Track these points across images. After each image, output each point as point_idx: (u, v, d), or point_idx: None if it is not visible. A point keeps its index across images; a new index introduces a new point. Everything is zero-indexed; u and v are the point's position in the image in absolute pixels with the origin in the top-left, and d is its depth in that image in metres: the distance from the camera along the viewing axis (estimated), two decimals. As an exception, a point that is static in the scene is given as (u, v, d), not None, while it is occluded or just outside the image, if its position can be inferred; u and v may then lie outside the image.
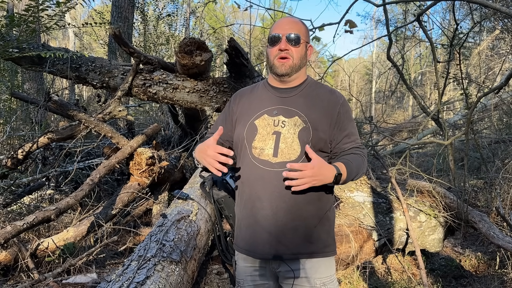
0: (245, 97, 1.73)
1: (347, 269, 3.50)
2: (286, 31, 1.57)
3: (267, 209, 1.55)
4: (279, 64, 1.58)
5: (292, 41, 1.57)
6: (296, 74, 1.62)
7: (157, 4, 10.89)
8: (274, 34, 1.59)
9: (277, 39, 1.57)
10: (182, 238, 2.13)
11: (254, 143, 1.59)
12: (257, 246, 1.59)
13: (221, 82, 3.72)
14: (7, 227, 2.48)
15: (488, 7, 3.70)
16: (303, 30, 1.62)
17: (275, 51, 1.58)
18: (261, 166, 1.56)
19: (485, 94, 3.89)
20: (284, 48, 1.56)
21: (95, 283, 2.34)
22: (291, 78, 1.62)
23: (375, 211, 3.48)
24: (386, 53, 4.66)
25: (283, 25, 1.60)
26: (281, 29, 1.58)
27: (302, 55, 1.60)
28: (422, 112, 7.02)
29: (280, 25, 1.60)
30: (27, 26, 3.26)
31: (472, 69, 10.02)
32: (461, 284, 3.75)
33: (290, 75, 1.60)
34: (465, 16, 7.66)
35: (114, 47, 7.46)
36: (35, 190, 4.20)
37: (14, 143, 4.92)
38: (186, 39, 3.49)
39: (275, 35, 1.58)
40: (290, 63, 1.58)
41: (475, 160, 6.44)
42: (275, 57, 1.58)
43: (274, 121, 1.59)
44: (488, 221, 3.40)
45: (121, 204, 3.42)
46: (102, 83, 3.91)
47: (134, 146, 3.46)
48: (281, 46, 1.56)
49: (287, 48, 1.56)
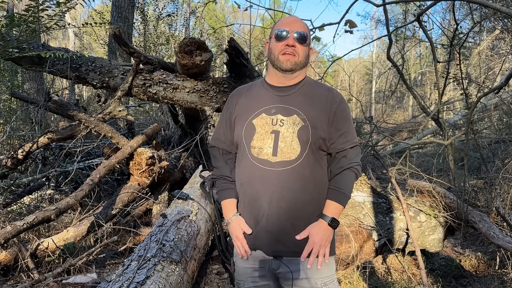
0: (242, 97, 1.72)
1: (347, 269, 3.50)
2: (295, 28, 1.58)
3: (267, 209, 1.54)
4: (284, 59, 1.58)
5: (300, 39, 1.57)
6: (298, 72, 1.62)
7: (157, 4, 10.89)
8: (282, 29, 1.58)
9: (285, 35, 1.58)
10: (182, 238, 2.13)
11: (253, 143, 1.58)
12: (257, 246, 1.59)
13: (221, 82, 3.72)
14: (7, 227, 2.47)
15: (488, 7, 3.70)
16: (308, 31, 1.64)
17: (281, 46, 1.58)
18: (261, 165, 1.55)
19: (485, 94, 3.89)
20: (292, 44, 1.57)
21: (95, 283, 2.34)
22: (293, 75, 1.62)
23: (375, 211, 3.48)
24: (386, 53, 4.65)
25: (292, 22, 1.61)
26: (290, 26, 1.59)
27: (306, 54, 1.62)
28: (422, 112, 7.01)
29: (289, 22, 1.61)
30: (27, 26, 3.25)
31: (472, 69, 10.02)
32: (461, 284, 3.75)
33: (294, 71, 1.60)
34: (465, 16, 7.67)
35: (114, 47, 7.46)
36: (35, 190, 4.20)
37: (14, 143, 4.92)
38: (186, 39, 3.49)
39: (284, 31, 1.58)
40: (296, 59, 1.58)
41: (475, 160, 6.43)
42: (280, 52, 1.58)
43: (273, 119, 1.58)
44: (488, 221, 3.39)
45: (121, 204, 3.42)
46: (102, 83, 3.91)
47: (134, 146, 3.46)
48: (289, 41, 1.57)
49: (295, 44, 1.57)
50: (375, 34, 21.33)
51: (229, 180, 1.73)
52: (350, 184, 1.62)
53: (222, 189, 1.73)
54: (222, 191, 1.73)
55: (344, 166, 1.61)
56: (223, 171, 1.75)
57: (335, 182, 1.61)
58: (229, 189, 1.71)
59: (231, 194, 1.70)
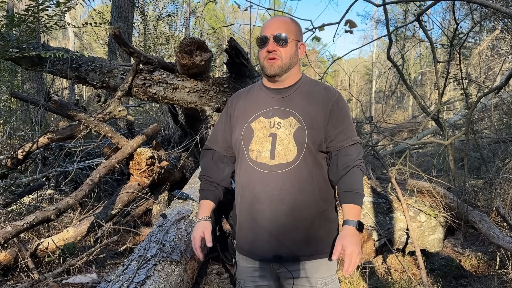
0: (241, 100, 1.71)
1: (347, 269, 3.49)
2: (273, 31, 1.55)
3: (267, 212, 1.54)
4: (268, 65, 1.56)
5: (279, 41, 1.54)
6: (287, 74, 1.59)
7: (157, 4, 10.89)
8: (261, 35, 1.57)
9: (265, 41, 1.56)
10: (182, 238, 2.13)
11: (251, 146, 1.57)
12: (258, 248, 1.58)
13: (221, 82, 3.72)
14: (7, 227, 2.48)
15: (488, 7, 3.70)
16: (292, 28, 1.59)
17: (264, 52, 1.56)
18: (259, 169, 1.55)
19: (485, 94, 3.89)
20: (271, 49, 1.54)
21: (95, 283, 2.34)
22: (282, 78, 1.60)
23: (375, 211, 3.48)
24: (386, 53, 4.65)
25: (271, 25, 1.58)
26: (268, 30, 1.57)
27: (291, 55, 1.57)
28: (422, 112, 7.01)
29: (268, 26, 1.59)
30: (27, 26, 3.25)
31: (472, 69, 10.02)
32: (461, 284, 3.75)
33: (280, 75, 1.58)
34: (465, 16, 7.66)
35: (114, 47, 7.46)
36: (35, 190, 4.20)
37: (14, 143, 4.92)
38: (186, 39, 3.49)
39: (263, 37, 1.56)
40: (279, 63, 1.55)
41: (475, 160, 6.43)
42: (264, 59, 1.57)
43: (270, 123, 1.58)
44: (488, 221, 3.39)
45: (121, 204, 3.42)
46: (102, 83, 3.91)
47: (134, 146, 3.46)
48: (269, 47, 1.54)
49: (275, 49, 1.54)
50: (375, 34, 21.33)
51: (209, 181, 1.72)
52: (360, 182, 1.59)
53: (201, 189, 1.73)
54: (201, 191, 1.73)
55: (350, 165, 1.56)
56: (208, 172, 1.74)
57: (346, 184, 1.57)
58: (208, 190, 1.71)
59: (209, 195, 1.70)
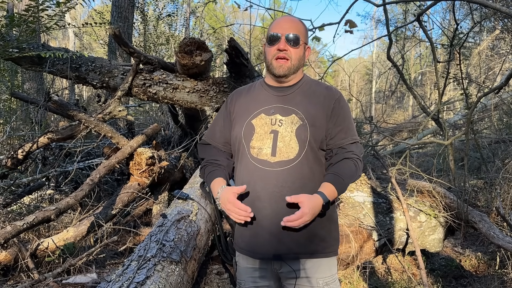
0: (242, 97, 1.72)
1: (347, 269, 3.50)
2: (286, 30, 1.54)
3: (267, 209, 1.54)
4: (277, 65, 1.56)
5: (291, 41, 1.54)
6: (292, 75, 1.61)
7: (157, 4, 10.89)
8: (273, 33, 1.56)
9: (276, 39, 1.55)
10: (182, 238, 2.13)
11: (252, 143, 1.58)
12: (258, 246, 1.58)
13: (221, 82, 3.72)
14: (7, 227, 2.47)
15: (488, 7, 3.70)
16: (303, 30, 1.59)
17: (273, 50, 1.56)
18: (260, 166, 1.55)
19: (485, 94, 3.89)
20: (283, 48, 1.54)
21: (95, 283, 2.33)
22: (288, 78, 1.61)
23: (375, 211, 3.48)
24: (386, 53, 4.66)
25: (283, 24, 1.57)
26: (281, 29, 1.56)
27: (300, 56, 1.58)
28: (422, 112, 7.01)
29: (280, 24, 1.58)
30: (27, 26, 3.25)
31: (472, 69, 10.01)
32: (461, 284, 3.75)
33: (288, 76, 1.59)
34: (465, 16, 7.66)
35: (114, 47, 7.45)
36: (35, 190, 4.20)
37: (14, 143, 4.92)
38: (186, 39, 3.49)
39: (274, 34, 1.55)
40: (288, 64, 1.56)
41: (475, 160, 6.43)
42: (273, 57, 1.56)
43: (271, 120, 1.58)
44: (488, 221, 3.39)
45: (121, 204, 3.42)
46: (102, 83, 3.90)
47: (134, 146, 3.46)
48: (280, 46, 1.54)
49: (286, 48, 1.54)
50: (375, 34, 21.33)
51: (217, 164, 1.66)
52: (348, 172, 1.55)
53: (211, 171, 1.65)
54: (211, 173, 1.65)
55: (345, 156, 1.56)
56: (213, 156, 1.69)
57: (334, 169, 1.55)
58: (218, 170, 1.64)
59: (220, 174, 1.63)
